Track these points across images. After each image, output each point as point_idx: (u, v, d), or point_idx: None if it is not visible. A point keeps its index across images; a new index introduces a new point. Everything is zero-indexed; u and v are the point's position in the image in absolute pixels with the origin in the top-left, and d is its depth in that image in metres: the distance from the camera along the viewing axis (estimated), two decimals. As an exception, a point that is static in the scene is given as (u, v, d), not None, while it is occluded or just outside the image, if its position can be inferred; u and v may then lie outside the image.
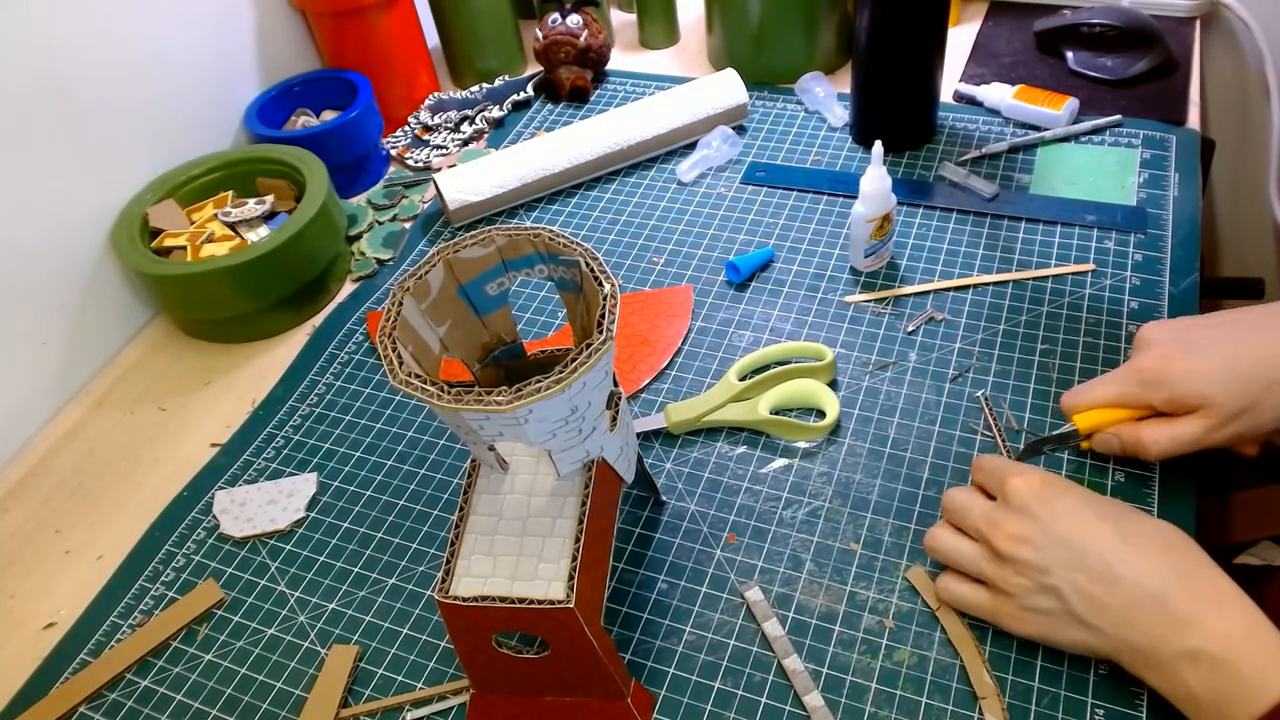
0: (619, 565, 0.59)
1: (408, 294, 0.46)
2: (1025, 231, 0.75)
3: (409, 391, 0.42)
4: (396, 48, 0.94)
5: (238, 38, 0.88)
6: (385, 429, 0.69)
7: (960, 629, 0.53)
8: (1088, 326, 0.67)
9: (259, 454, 0.69)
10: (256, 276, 0.73)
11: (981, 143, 0.84)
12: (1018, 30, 0.97)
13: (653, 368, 0.70)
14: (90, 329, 0.77)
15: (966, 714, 0.50)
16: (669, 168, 0.88)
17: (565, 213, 0.85)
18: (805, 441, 0.63)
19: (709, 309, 0.74)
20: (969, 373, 0.65)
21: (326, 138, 0.85)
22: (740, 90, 0.88)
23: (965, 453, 0.61)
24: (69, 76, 0.72)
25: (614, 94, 0.98)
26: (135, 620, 0.60)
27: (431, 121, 0.96)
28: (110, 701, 0.56)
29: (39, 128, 0.71)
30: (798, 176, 0.84)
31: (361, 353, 0.75)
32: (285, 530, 0.63)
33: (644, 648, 0.55)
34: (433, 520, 0.63)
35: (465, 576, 0.47)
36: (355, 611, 0.59)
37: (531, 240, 0.48)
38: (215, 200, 0.81)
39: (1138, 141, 0.82)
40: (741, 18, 0.92)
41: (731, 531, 0.59)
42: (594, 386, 0.44)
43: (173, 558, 0.63)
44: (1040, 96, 0.84)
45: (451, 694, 0.54)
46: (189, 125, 0.84)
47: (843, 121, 0.89)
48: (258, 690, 0.56)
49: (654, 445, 0.65)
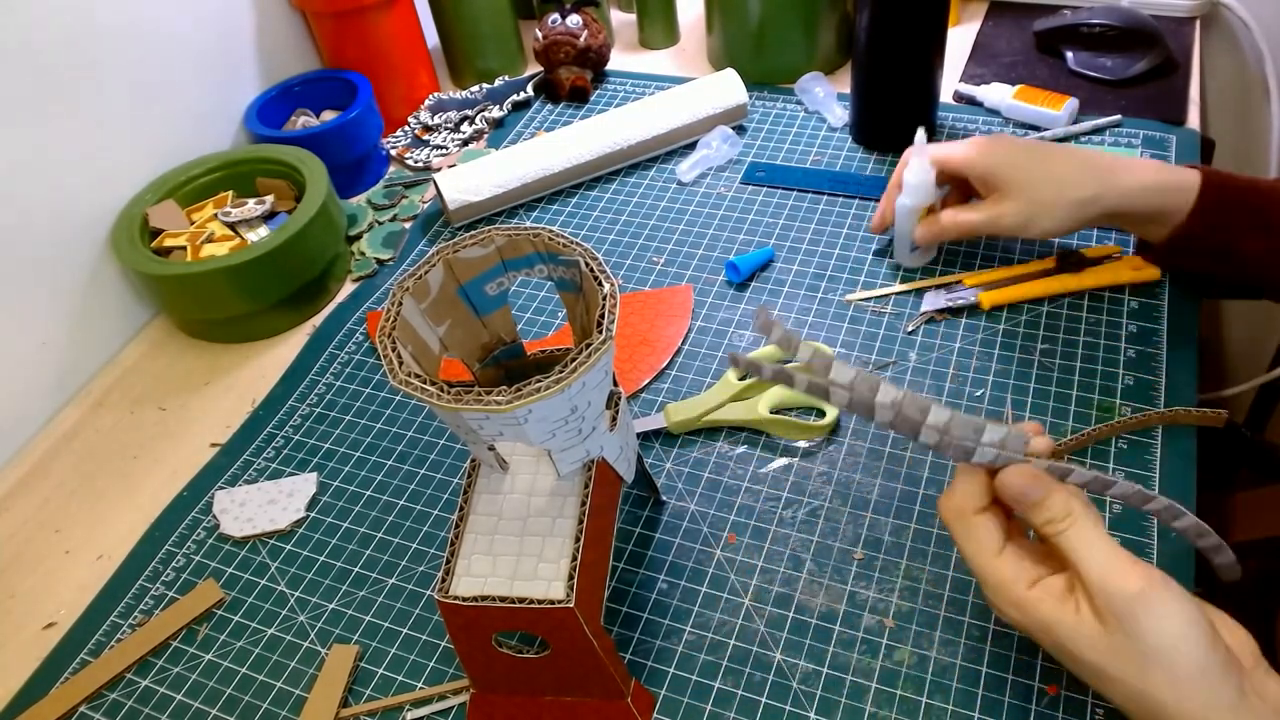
0: (619, 565, 0.59)
1: (408, 294, 0.46)
2: (1025, 231, 0.75)
3: (409, 391, 0.42)
4: (396, 48, 0.94)
5: (238, 38, 0.88)
6: (385, 429, 0.69)
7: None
8: (1088, 326, 0.67)
9: (259, 454, 0.69)
10: (256, 276, 0.73)
11: (981, 143, 0.84)
12: (1018, 30, 0.97)
13: (653, 368, 0.70)
14: (90, 329, 0.77)
15: (967, 714, 0.50)
16: (669, 168, 0.88)
17: (565, 213, 0.85)
18: (805, 441, 0.63)
19: (709, 309, 0.74)
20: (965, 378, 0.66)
21: (326, 138, 0.85)
22: (740, 90, 0.88)
23: (965, 452, 0.61)
24: (69, 77, 0.72)
25: (614, 94, 0.98)
26: (135, 620, 0.60)
27: (431, 121, 0.96)
28: (110, 701, 0.56)
29: (39, 127, 0.71)
30: (798, 176, 0.84)
31: (361, 353, 0.75)
32: (285, 530, 0.63)
33: (644, 648, 0.55)
34: (433, 520, 0.63)
35: (465, 576, 0.47)
36: (355, 611, 0.59)
37: (531, 240, 0.48)
38: (215, 200, 0.81)
39: (1138, 141, 0.82)
40: (741, 18, 0.92)
41: (731, 531, 0.59)
42: (594, 386, 0.44)
43: (173, 558, 0.63)
44: (1040, 96, 0.84)
45: (451, 694, 0.54)
46: (189, 125, 0.84)
47: (842, 121, 0.89)
48: (258, 690, 0.56)
49: (654, 445, 0.65)
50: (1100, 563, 0.41)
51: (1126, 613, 0.40)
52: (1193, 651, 0.39)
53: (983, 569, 0.44)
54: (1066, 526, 0.42)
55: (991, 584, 0.44)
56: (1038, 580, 0.43)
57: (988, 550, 0.44)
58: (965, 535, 0.45)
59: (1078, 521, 0.42)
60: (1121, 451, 0.60)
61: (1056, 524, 0.42)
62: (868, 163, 0.85)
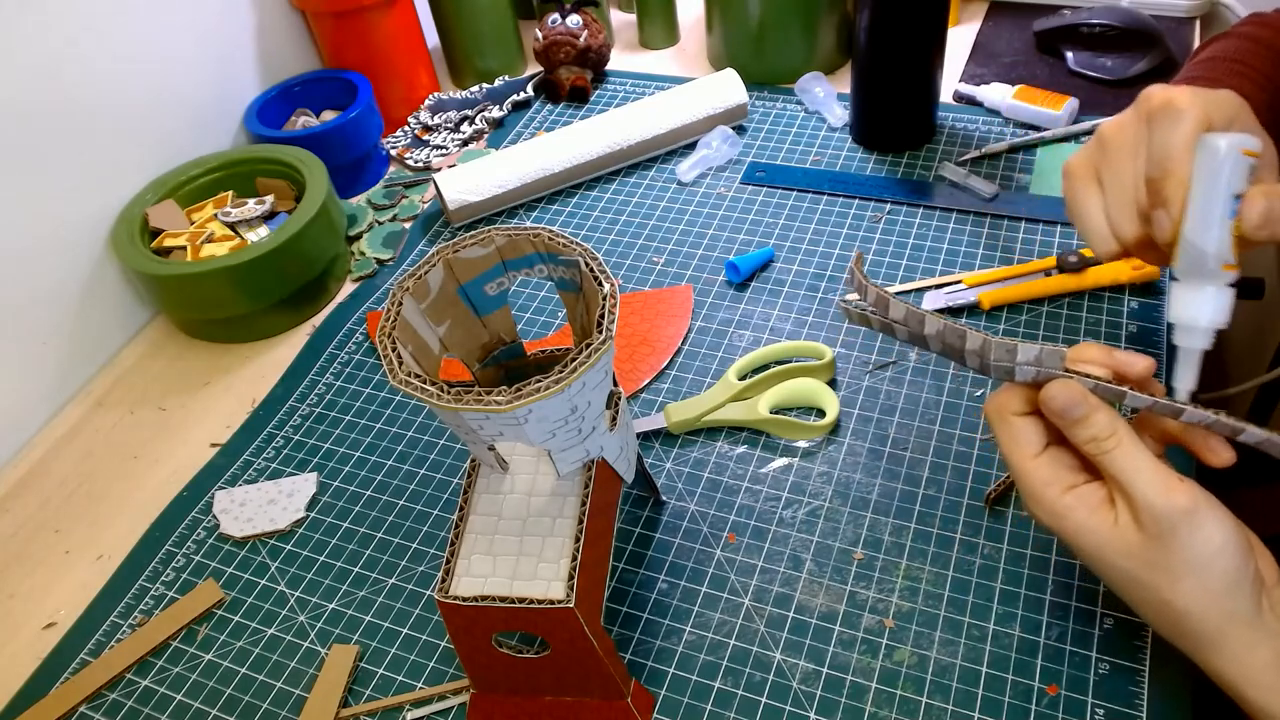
0: (619, 565, 0.59)
1: (407, 294, 0.46)
2: (1025, 231, 0.75)
3: (409, 391, 0.42)
4: (396, 48, 0.94)
5: (238, 38, 0.88)
6: (385, 429, 0.69)
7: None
8: (1087, 325, 0.67)
9: (259, 454, 0.69)
10: (256, 276, 0.73)
11: (981, 143, 0.84)
12: (1018, 30, 0.97)
13: (653, 368, 0.70)
14: (90, 329, 0.77)
15: (966, 714, 0.50)
16: (669, 168, 0.88)
17: (565, 213, 0.85)
18: (805, 441, 0.63)
19: (709, 309, 0.74)
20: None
21: (326, 138, 0.85)
22: (740, 90, 0.88)
23: (966, 452, 0.61)
24: (69, 77, 0.72)
25: (614, 94, 0.98)
26: (135, 620, 0.60)
27: (431, 121, 0.96)
28: (110, 701, 0.56)
29: (39, 127, 0.71)
30: (798, 176, 0.84)
31: (361, 353, 0.75)
32: (285, 530, 0.63)
33: (644, 648, 0.55)
34: (433, 520, 0.63)
35: (465, 576, 0.47)
36: (355, 611, 0.59)
37: (531, 240, 0.48)
38: (215, 200, 0.81)
39: (1138, 141, 0.82)
40: (741, 18, 0.92)
41: (731, 531, 0.59)
42: (594, 386, 0.44)
43: (173, 558, 0.63)
44: (1040, 96, 0.84)
45: (451, 694, 0.54)
46: (189, 125, 0.84)
47: (842, 121, 0.89)
48: (258, 690, 0.56)
49: (654, 445, 0.65)
50: (1149, 480, 0.41)
51: (1172, 527, 0.41)
52: (1227, 566, 0.41)
53: (1020, 468, 0.44)
54: (1113, 446, 0.42)
55: (1027, 485, 0.44)
56: (1073, 486, 0.43)
57: (1026, 451, 0.44)
58: (1005, 434, 0.45)
59: (1123, 440, 0.42)
60: (1121, 451, 0.60)
61: (1101, 442, 0.42)
62: (868, 163, 0.85)
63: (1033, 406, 0.45)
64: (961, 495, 0.59)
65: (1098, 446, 0.42)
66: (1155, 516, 0.41)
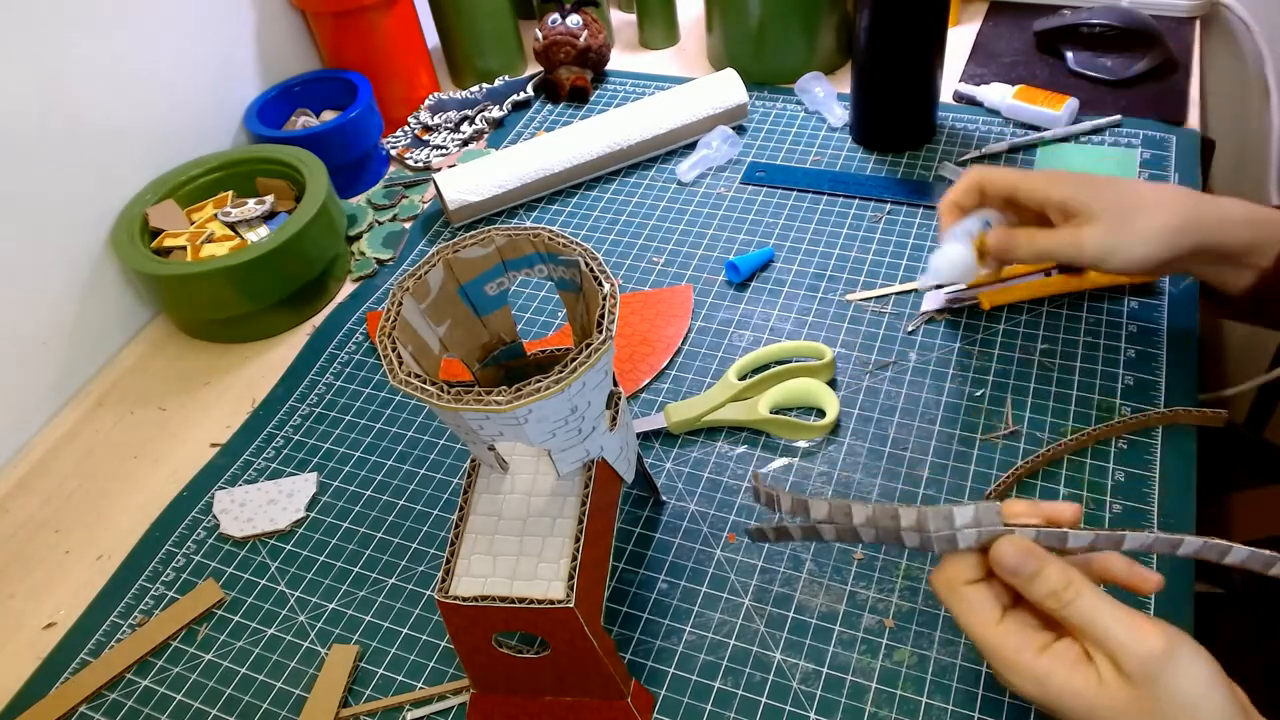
0: (619, 565, 0.59)
1: (407, 294, 0.46)
2: (1025, 231, 0.75)
3: (409, 391, 0.42)
4: (396, 48, 0.94)
5: (238, 38, 0.88)
6: (385, 429, 0.69)
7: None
8: (1087, 325, 0.67)
9: (259, 454, 0.69)
10: (256, 276, 0.73)
11: (981, 143, 0.84)
12: (1018, 30, 0.97)
13: (653, 368, 0.70)
14: (90, 329, 0.77)
15: (966, 714, 0.50)
16: (669, 168, 0.88)
17: (565, 213, 0.85)
18: (805, 441, 0.63)
19: (709, 309, 0.74)
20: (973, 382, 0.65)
21: (326, 138, 0.85)
22: (740, 90, 0.88)
23: (966, 452, 0.61)
24: (70, 77, 0.72)
25: (614, 94, 0.98)
26: (135, 620, 0.60)
27: (431, 121, 0.96)
28: (110, 701, 0.56)
29: (39, 128, 0.71)
30: (798, 176, 0.84)
31: (361, 353, 0.75)
32: (285, 530, 0.63)
33: (644, 648, 0.55)
34: (433, 520, 0.63)
35: (465, 576, 0.47)
36: (355, 611, 0.59)
37: (531, 240, 0.48)
38: (215, 200, 0.81)
39: (1138, 141, 0.82)
40: (741, 18, 0.92)
41: (731, 531, 0.59)
42: (594, 386, 0.44)
43: (173, 558, 0.63)
44: (1040, 96, 0.84)
45: (451, 694, 0.54)
46: (189, 125, 0.84)
47: (842, 121, 0.89)
48: (258, 690, 0.56)
49: (654, 445, 0.65)
50: (1119, 628, 0.40)
51: (1158, 671, 0.39)
52: (1221, 700, 0.39)
53: (984, 640, 0.42)
54: (1072, 597, 0.41)
55: (997, 656, 0.42)
56: (1046, 647, 0.42)
57: (988, 619, 0.42)
58: (961, 606, 0.43)
59: (1082, 590, 0.41)
60: (1121, 452, 0.60)
61: (1060, 594, 0.41)
62: (868, 163, 0.85)
63: (980, 573, 0.43)
64: (961, 495, 0.59)
65: (1057, 600, 0.41)
66: (1136, 663, 0.39)
